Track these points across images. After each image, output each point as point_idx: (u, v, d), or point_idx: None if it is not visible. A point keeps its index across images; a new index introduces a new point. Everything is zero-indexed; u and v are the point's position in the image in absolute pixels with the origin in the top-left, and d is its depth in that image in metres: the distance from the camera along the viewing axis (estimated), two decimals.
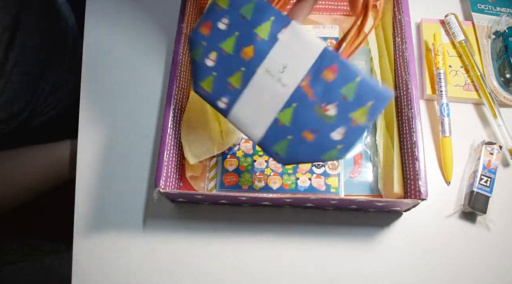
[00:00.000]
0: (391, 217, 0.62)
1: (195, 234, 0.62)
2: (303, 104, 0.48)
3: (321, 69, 0.48)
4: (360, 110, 0.47)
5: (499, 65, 0.69)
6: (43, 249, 0.88)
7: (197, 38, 0.51)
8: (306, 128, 0.48)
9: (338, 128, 0.48)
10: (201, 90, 0.51)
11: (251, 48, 0.50)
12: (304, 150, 0.49)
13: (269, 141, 0.50)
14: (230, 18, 0.51)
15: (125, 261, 0.62)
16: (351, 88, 0.47)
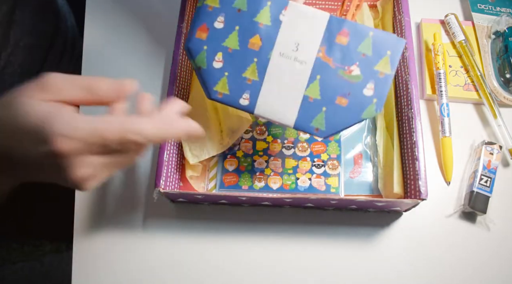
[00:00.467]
0: (391, 217, 0.62)
1: (195, 234, 0.62)
2: (327, 73, 0.50)
3: (333, 36, 0.50)
4: (382, 61, 0.50)
5: (499, 65, 0.69)
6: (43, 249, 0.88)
7: (196, 44, 0.50)
8: (338, 94, 0.50)
9: (368, 84, 0.50)
10: (217, 95, 0.50)
11: (257, 37, 0.50)
12: (343, 115, 0.50)
13: (305, 120, 0.50)
14: (226, 14, 0.51)
15: (125, 261, 0.62)
16: (367, 44, 0.50)
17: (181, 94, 0.62)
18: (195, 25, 0.51)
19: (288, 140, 0.64)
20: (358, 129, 0.65)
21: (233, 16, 0.51)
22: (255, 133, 0.65)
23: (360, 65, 0.50)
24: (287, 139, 0.64)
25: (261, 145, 0.64)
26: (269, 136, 0.64)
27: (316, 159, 0.63)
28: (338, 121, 0.50)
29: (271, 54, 0.50)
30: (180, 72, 0.62)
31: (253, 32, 0.51)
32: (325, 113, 0.50)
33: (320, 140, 0.64)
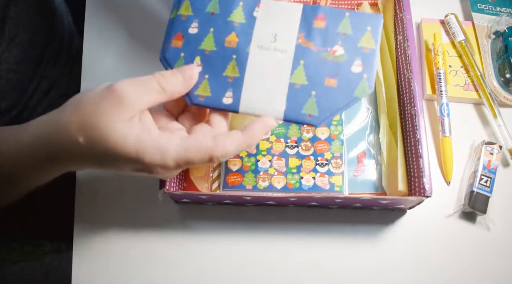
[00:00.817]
0: (395, 215, 0.63)
1: (199, 234, 0.62)
2: (310, 57, 0.49)
3: (310, 22, 0.50)
4: (364, 37, 0.49)
5: (499, 65, 0.69)
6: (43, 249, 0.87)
7: (172, 53, 0.50)
8: (325, 76, 0.49)
9: (354, 61, 0.49)
10: (199, 98, 0.49)
11: (233, 35, 0.50)
12: (335, 96, 0.48)
13: (294, 108, 0.48)
14: (199, 20, 0.51)
15: (127, 261, 0.61)
16: (346, 24, 0.49)
17: None
18: (170, 35, 0.51)
19: (291, 139, 0.64)
20: (361, 127, 0.66)
21: (207, 19, 0.51)
22: None
23: (343, 44, 0.49)
24: (290, 138, 0.64)
25: (264, 145, 0.64)
26: (272, 135, 0.64)
27: (319, 158, 0.63)
28: (331, 103, 0.48)
29: (249, 48, 0.50)
30: None
31: (228, 30, 0.50)
32: (315, 97, 0.48)
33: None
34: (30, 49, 0.74)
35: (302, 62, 0.49)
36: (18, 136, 0.46)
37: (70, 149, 0.43)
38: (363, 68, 0.49)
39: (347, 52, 0.49)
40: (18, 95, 0.74)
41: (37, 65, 0.76)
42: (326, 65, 0.49)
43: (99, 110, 0.42)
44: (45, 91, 0.80)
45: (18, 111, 0.75)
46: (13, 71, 0.70)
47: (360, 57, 0.49)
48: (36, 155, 0.45)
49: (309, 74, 0.49)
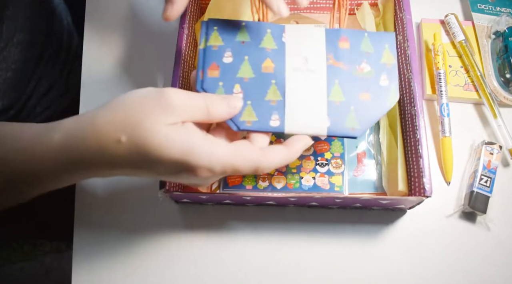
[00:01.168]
0: (395, 215, 0.63)
1: (199, 235, 0.62)
2: (343, 76, 0.53)
3: (335, 44, 0.54)
4: (384, 54, 0.55)
5: (499, 65, 0.69)
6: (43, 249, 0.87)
7: (210, 84, 0.51)
8: (360, 91, 0.53)
9: (381, 76, 0.54)
10: (246, 124, 0.50)
11: (268, 60, 0.53)
12: (371, 108, 0.53)
13: (338, 123, 0.51)
14: (232, 49, 0.53)
15: (126, 261, 0.62)
16: (367, 43, 0.55)
17: None
18: (204, 66, 0.52)
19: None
20: None
21: (239, 48, 0.53)
22: None
23: (368, 62, 0.54)
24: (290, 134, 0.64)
25: None
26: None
27: (319, 158, 0.63)
28: (369, 115, 0.52)
29: (285, 71, 0.52)
30: (183, 72, 0.62)
31: (263, 57, 0.53)
32: (354, 112, 0.52)
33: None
34: (29, 49, 0.74)
35: (337, 81, 0.53)
36: (44, 136, 0.45)
37: (107, 149, 0.42)
38: (389, 81, 0.54)
39: (373, 68, 0.54)
40: (17, 95, 0.74)
41: (36, 65, 0.76)
42: (358, 82, 0.53)
43: (145, 110, 0.42)
44: (44, 91, 0.80)
45: (17, 111, 0.75)
46: (11, 70, 0.70)
47: (385, 72, 0.54)
48: (63, 158, 0.44)
49: (345, 91, 0.52)
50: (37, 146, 0.44)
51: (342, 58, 0.54)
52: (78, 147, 0.43)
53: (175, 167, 0.43)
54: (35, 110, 0.79)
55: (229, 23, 0.54)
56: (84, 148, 0.43)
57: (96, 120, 0.43)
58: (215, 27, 0.54)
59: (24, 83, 0.75)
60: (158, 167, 0.43)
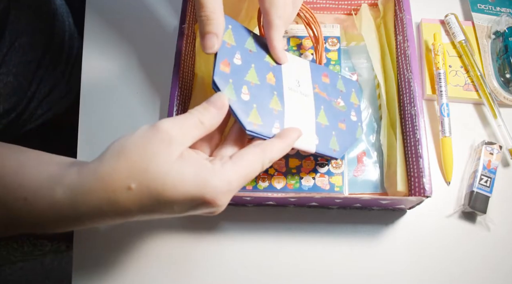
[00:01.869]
0: (395, 215, 0.63)
1: (198, 235, 0.62)
2: (326, 104, 0.59)
3: (319, 77, 0.61)
4: (352, 95, 0.63)
5: (499, 65, 0.69)
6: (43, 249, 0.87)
7: (222, 78, 0.51)
8: (338, 120, 0.59)
9: (351, 111, 0.62)
10: (253, 126, 0.51)
11: (270, 74, 0.55)
12: (346, 137, 0.59)
13: (324, 143, 0.56)
14: (241, 53, 0.54)
15: (127, 262, 0.61)
16: (341, 83, 0.63)
17: (183, 94, 0.62)
18: (218, 59, 0.52)
19: None
20: None
21: (247, 55, 0.54)
22: None
23: (342, 98, 0.62)
24: None
25: None
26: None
27: (319, 158, 0.63)
28: (345, 142, 0.59)
29: (283, 88, 0.56)
30: (183, 72, 0.62)
31: (267, 70, 0.55)
32: (335, 136, 0.58)
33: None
34: (30, 52, 0.74)
35: (322, 107, 0.58)
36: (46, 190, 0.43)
37: (118, 199, 0.41)
38: (357, 118, 0.62)
39: (346, 104, 0.62)
40: (18, 98, 0.74)
41: (37, 67, 0.76)
42: (337, 112, 0.60)
43: (149, 153, 0.41)
44: (45, 93, 0.80)
45: (18, 114, 0.75)
46: (12, 74, 0.70)
47: (353, 109, 0.62)
48: (69, 213, 0.43)
49: (329, 117, 0.59)
50: (39, 200, 0.43)
51: (325, 90, 0.60)
52: (86, 202, 0.42)
53: (191, 202, 0.42)
54: (36, 112, 0.79)
55: (241, 28, 0.56)
56: (93, 202, 0.42)
57: (100, 172, 0.42)
58: (230, 25, 0.55)
59: (25, 86, 0.75)
60: (174, 207, 0.43)
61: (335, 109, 0.60)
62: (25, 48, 0.72)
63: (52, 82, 0.80)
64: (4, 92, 0.70)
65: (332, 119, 0.59)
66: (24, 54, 0.72)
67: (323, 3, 0.72)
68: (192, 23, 0.67)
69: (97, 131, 0.68)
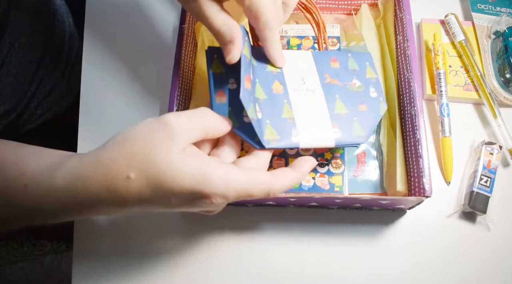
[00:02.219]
0: (395, 215, 0.63)
1: (199, 235, 0.62)
2: (341, 91, 0.57)
3: (328, 65, 0.59)
4: (367, 70, 0.60)
5: (499, 65, 0.69)
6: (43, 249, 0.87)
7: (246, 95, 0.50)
8: (357, 103, 0.57)
9: (370, 88, 0.59)
10: (271, 143, 0.51)
11: (276, 82, 0.55)
12: (369, 119, 0.57)
13: (346, 133, 0.55)
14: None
15: (127, 262, 0.61)
16: (352, 62, 0.60)
17: (183, 93, 0.62)
18: (242, 75, 0.51)
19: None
20: None
21: (252, 70, 0.54)
22: None
23: (357, 78, 0.59)
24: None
25: None
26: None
27: (319, 158, 0.63)
28: (369, 123, 0.56)
29: (288, 92, 0.55)
30: (183, 72, 0.62)
31: (272, 80, 0.55)
32: (357, 122, 0.55)
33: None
34: (30, 52, 0.74)
35: (337, 96, 0.57)
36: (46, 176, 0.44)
37: (117, 188, 0.41)
38: (377, 93, 0.58)
39: (362, 83, 0.59)
40: (18, 99, 0.73)
41: (37, 67, 0.76)
42: (354, 95, 0.57)
43: (150, 143, 0.42)
44: (45, 93, 0.80)
45: (18, 114, 0.75)
46: (12, 75, 0.70)
47: (371, 85, 0.59)
48: (67, 199, 0.43)
49: (346, 104, 0.56)
50: (40, 186, 0.43)
51: (337, 76, 0.58)
52: (85, 188, 0.42)
53: (189, 196, 0.42)
54: (36, 113, 0.79)
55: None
56: (92, 188, 0.42)
57: (101, 160, 0.42)
58: (215, 55, 0.55)
59: (25, 86, 0.75)
60: (172, 199, 0.43)
61: (351, 92, 0.57)
62: (25, 48, 0.72)
63: (52, 82, 0.80)
64: (4, 92, 0.70)
65: (351, 105, 0.57)
66: (24, 54, 0.72)
67: (323, 3, 0.72)
68: (192, 23, 0.67)
69: (97, 131, 0.68)
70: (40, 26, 0.75)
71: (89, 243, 0.62)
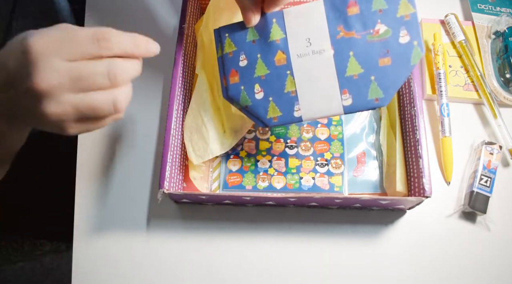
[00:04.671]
0: (395, 215, 0.63)
1: (199, 235, 0.62)
2: (357, 45, 0.50)
3: (344, 12, 0.51)
4: (400, 6, 0.50)
5: (499, 65, 0.69)
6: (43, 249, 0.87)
7: (234, 90, 0.52)
8: (378, 57, 0.50)
9: (400, 32, 0.50)
10: (273, 120, 0.51)
11: (279, 53, 0.53)
12: (393, 73, 0.50)
13: (361, 98, 0.50)
14: (245, 52, 0.53)
15: (126, 262, 0.61)
16: (378, 0, 0.50)
17: (183, 93, 0.62)
18: (225, 73, 0.53)
19: (291, 139, 0.64)
20: (361, 127, 0.66)
21: (251, 48, 0.53)
22: (258, 133, 0.65)
23: (383, 21, 0.50)
24: (290, 139, 0.64)
25: (264, 145, 0.64)
26: (272, 135, 0.65)
27: (319, 158, 0.63)
28: (392, 80, 0.50)
29: (291, 61, 0.52)
30: (183, 72, 0.62)
31: (274, 51, 0.53)
32: (376, 81, 0.50)
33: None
34: None
35: (351, 53, 0.50)
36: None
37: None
38: (410, 36, 0.50)
39: (390, 26, 0.50)
40: None
41: None
42: (375, 47, 0.50)
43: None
44: None
45: None
46: None
47: (404, 27, 0.50)
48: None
49: (362, 61, 0.50)
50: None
51: (354, 26, 0.51)
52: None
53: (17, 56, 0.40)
54: None
55: (237, 26, 0.55)
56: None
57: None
58: (227, 33, 0.55)
59: None
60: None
61: (371, 44, 0.50)
62: None
63: None
64: None
65: (369, 61, 0.50)
66: None
67: None
68: (192, 23, 0.67)
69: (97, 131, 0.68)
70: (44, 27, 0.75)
71: (89, 243, 0.62)
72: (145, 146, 0.67)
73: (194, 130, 0.61)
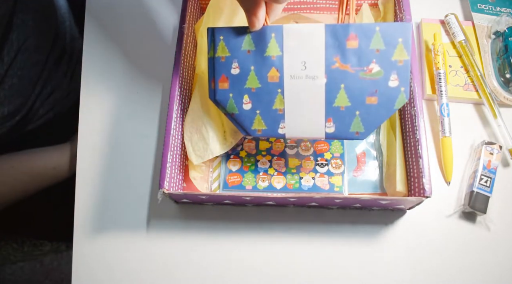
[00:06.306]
0: (395, 215, 0.63)
1: (199, 235, 0.62)
2: (349, 80, 0.51)
3: (343, 43, 0.51)
4: (397, 50, 0.51)
5: (499, 65, 0.69)
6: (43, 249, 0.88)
7: (222, 95, 0.52)
8: (366, 95, 0.52)
9: (390, 76, 0.51)
10: (257, 132, 0.51)
11: (273, 70, 0.53)
12: (377, 112, 0.52)
13: (343, 128, 0.52)
14: (238, 60, 0.53)
15: (126, 262, 0.62)
16: (378, 39, 0.51)
17: (183, 93, 0.62)
18: (215, 76, 0.53)
19: (291, 139, 0.64)
20: None
21: (245, 59, 0.53)
22: None
23: (377, 61, 0.51)
24: (290, 139, 0.64)
25: (264, 145, 0.64)
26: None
27: (319, 158, 0.63)
28: (374, 119, 0.52)
29: (284, 80, 0.52)
30: (183, 72, 0.62)
31: (268, 66, 0.53)
32: (359, 116, 0.52)
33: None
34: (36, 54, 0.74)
35: (342, 86, 0.51)
36: None
37: None
38: (399, 81, 0.52)
39: (383, 68, 0.51)
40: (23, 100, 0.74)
41: (41, 69, 0.76)
42: (365, 84, 0.52)
43: None
44: (48, 94, 0.80)
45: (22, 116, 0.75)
46: (17, 76, 0.71)
47: (395, 71, 0.51)
48: None
49: (351, 95, 0.52)
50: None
51: (350, 60, 0.52)
52: None
53: None
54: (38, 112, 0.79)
55: (234, 31, 0.54)
56: None
57: None
58: (221, 36, 0.54)
59: (30, 88, 0.75)
60: None
61: (362, 81, 0.51)
62: (31, 50, 0.72)
63: (55, 83, 0.81)
64: (9, 94, 0.70)
65: (357, 97, 0.52)
66: (30, 56, 0.72)
67: (323, 3, 0.72)
68: (192, 23, 0.67)
69: (97, 131, 0.68)
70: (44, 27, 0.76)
71: (89, 243, 0.62)
72: (145, 146, 0.67)
73: (194, 130, 0.61)
